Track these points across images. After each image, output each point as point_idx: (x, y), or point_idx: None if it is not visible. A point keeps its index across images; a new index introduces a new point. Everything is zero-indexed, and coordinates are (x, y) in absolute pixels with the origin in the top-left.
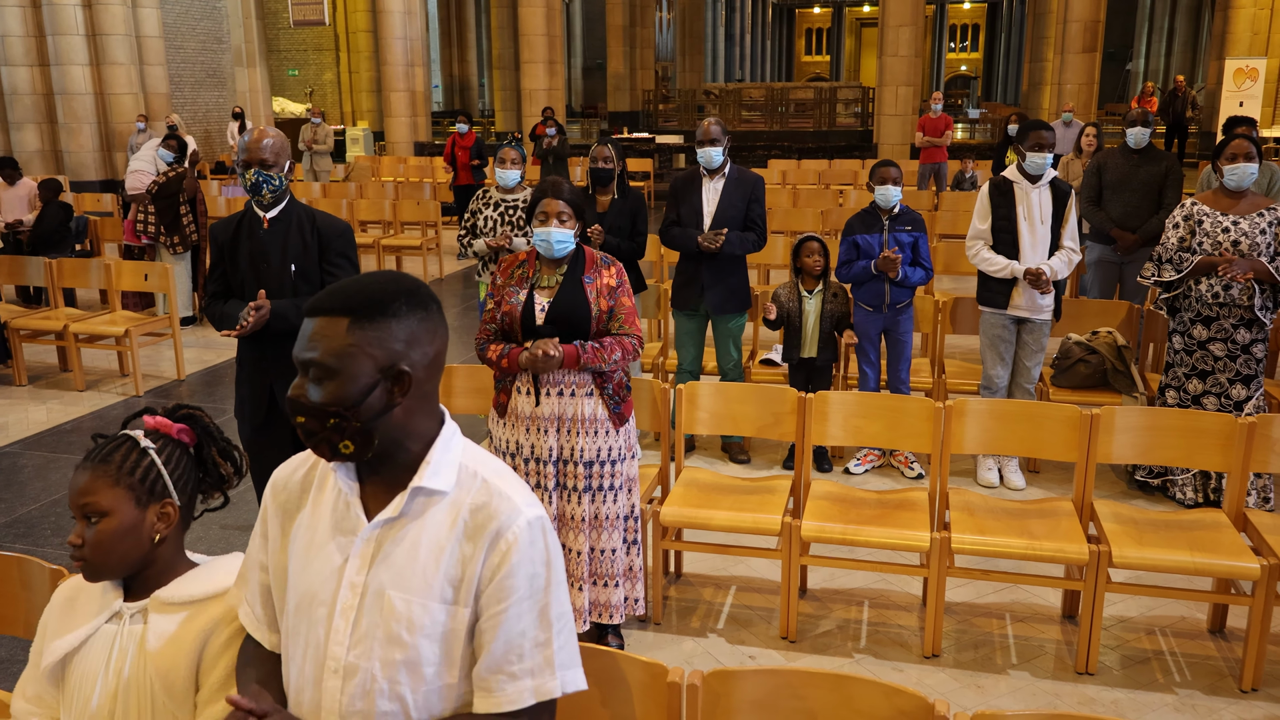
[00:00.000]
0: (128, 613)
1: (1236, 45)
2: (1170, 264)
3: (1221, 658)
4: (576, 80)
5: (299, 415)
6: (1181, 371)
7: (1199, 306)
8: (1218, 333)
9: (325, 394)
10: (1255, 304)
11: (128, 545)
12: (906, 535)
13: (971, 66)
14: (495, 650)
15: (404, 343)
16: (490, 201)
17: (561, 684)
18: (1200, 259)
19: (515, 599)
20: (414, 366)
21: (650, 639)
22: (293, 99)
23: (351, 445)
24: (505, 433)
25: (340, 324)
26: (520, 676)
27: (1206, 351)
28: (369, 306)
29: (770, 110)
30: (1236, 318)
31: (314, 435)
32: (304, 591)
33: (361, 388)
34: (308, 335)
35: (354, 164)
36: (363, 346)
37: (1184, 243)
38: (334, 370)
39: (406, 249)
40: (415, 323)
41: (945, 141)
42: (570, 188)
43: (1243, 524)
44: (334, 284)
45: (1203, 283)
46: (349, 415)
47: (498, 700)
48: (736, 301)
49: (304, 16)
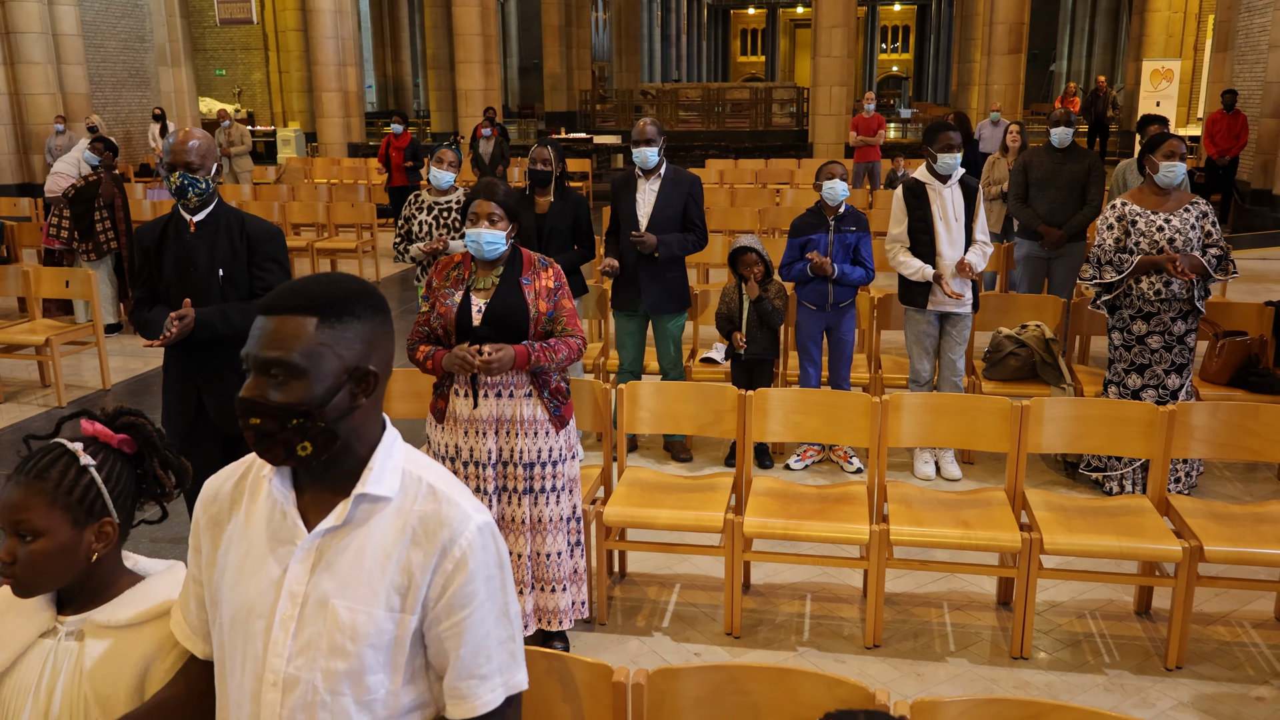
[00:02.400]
0: (63, 629)
1: (1153, 47)
2: (1110, 265)
3: (1148, 638)
4: (513, 80)
5: (254, 417)
6: (1121, 367)
7: (1140, 303)
8: (1157, 326)
9: (291, 394)
10: (1195, 295)
11: (63, 565)
12: (846, 528)
13: (903, 67)
14: (464, 656)
15: (368, 344)
16: (423, 205)
17: (524, 678)
18: (1142, 258)
19: (477, 604)
20: (378, 368)
21: (595, 639)
22: (220, 99)
23: (311, 446)
24: (444, 437)
25: (307, 323)
26: (490, 676)
27: (1144, 345)
28: (335, 306)
29: (707, 110)
30: (1176, 310)
31: (269, 437)
32: (239, 605)
33: (329, 388)
34: (269, 334)
35: (285, 165)
36: (332, 346)
37: (1120, 243)
38: (302, 370)
39: (341, 252)
40: (376, 325)
41: (879, 141)
42: (504, 189)
43: (1165, 508)
44: (289, 283)
45: (1143, 280)
46: (315, 416)
47: (473, 705)
48: (675, 301)
49: (231, 15)
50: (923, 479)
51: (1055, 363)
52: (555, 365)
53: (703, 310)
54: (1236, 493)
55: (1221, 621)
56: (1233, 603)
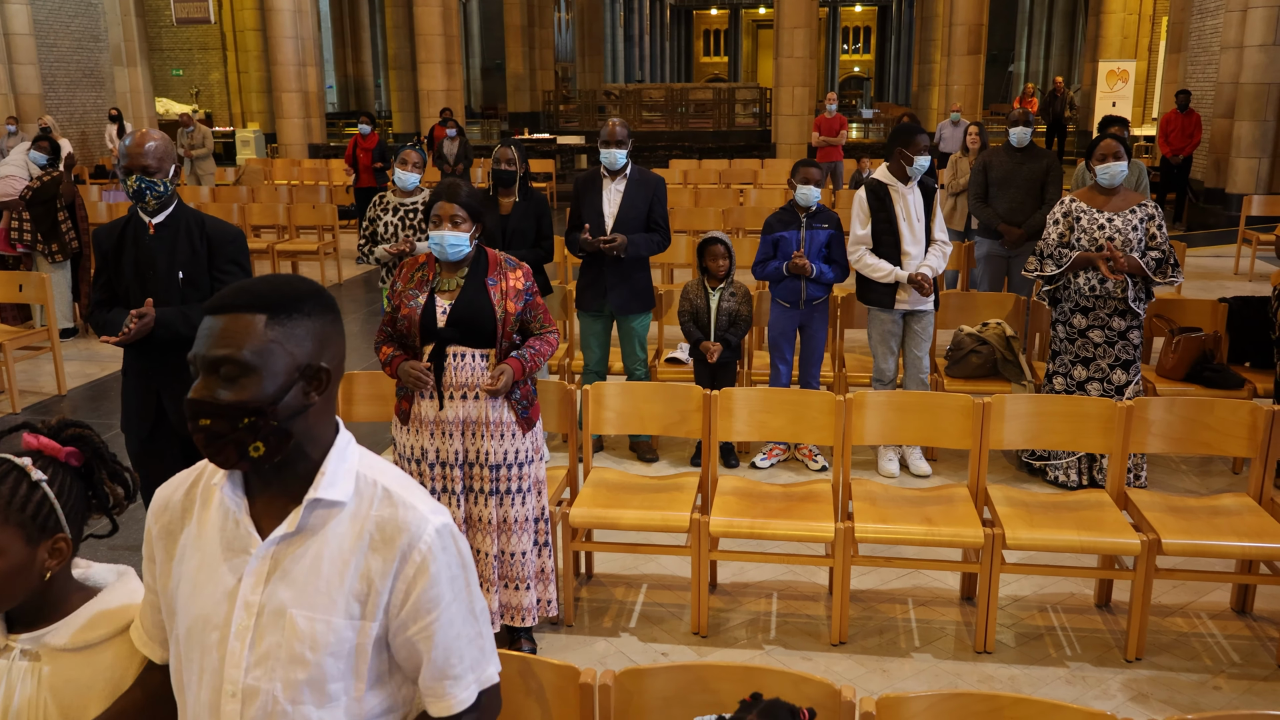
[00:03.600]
0: (17, 647)
1: (1108, 48)
2: (1051, 259)
3: (1108, 630)
4: (476, 81)
5: (204, 418)
6: (1066, 359)
7: (1077, 298)
8: (1095, 321)
9: (242, 392)
10: (1129, 296)
11: (16, 584)
12: (812, 527)
13: (864, 68)
14: (436, 658)
15: (318, 341)
16: (388, 206)
17: (495, 670)
18: (1077, 255)
19: (444, 606)
20: (330, 365)
21: (562, 641)
22: (178, 99)
23: (263, 446)
24: (409, 439)
25: (256, 320)
26: (463, 674)
27: (1087, 339)
28: (284, 304)
29: (670, 111)
30: (1111, 308)
31: (220, 438)
32: (195, 616)
33: (280, 386)
34: (217, 332)
35: (245, 167)
36: (282, 343)
37: (1063, 238)
38: (253, 367)
39: (303, 254)
40: (326, 323)
41: (841, 141)
42: (468, 190)
43: (1124, 502)
44: (238, 283)
45: (1080, 276)
46: (267, 414)
47: (449, 704)
48: (640, 301)
49: (188, 14)
50: (887, 476)
51: (1016, 360)
52: (542, 365)
53: (667, 310)
54: (1193, 486)
55: (1179, 613)
56: (1190, 594)
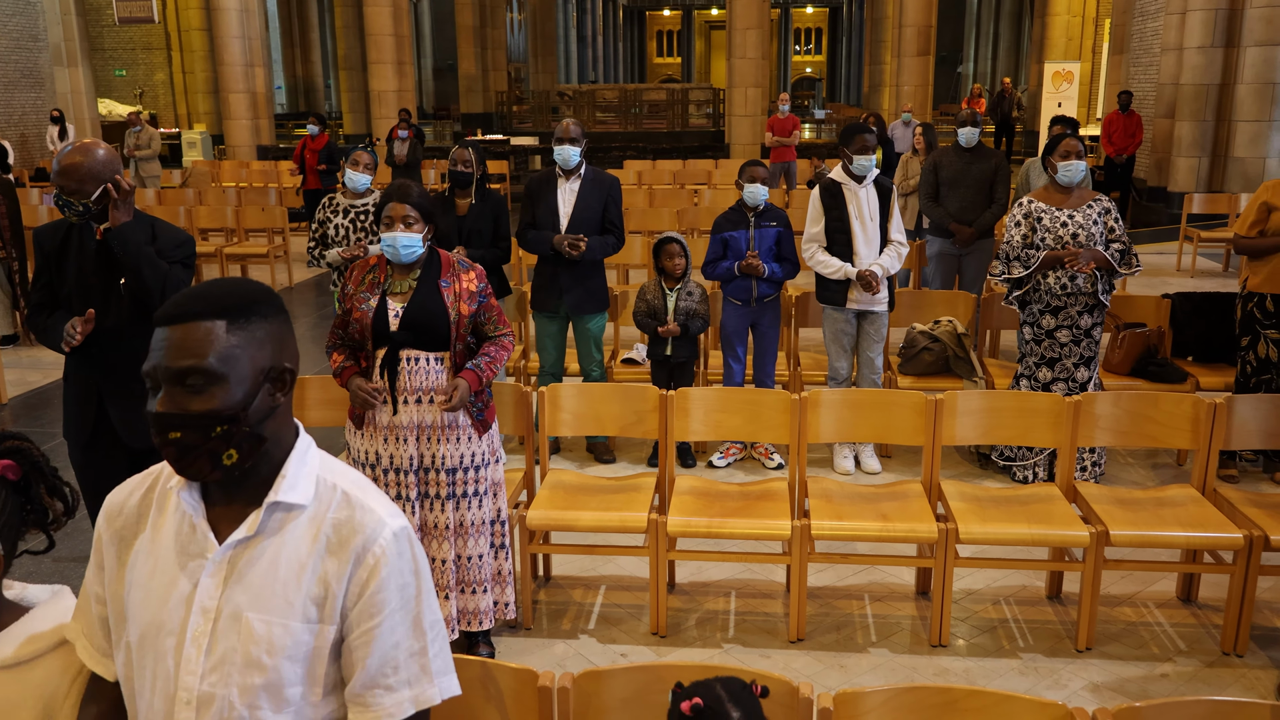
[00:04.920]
0: None
1: (1054, 49)
2: (1018, 261)
3: (1059, 621)
4: (428, 81)
5: (173, 431)
6: (1032, 361)
7: (1048, 298)
8: (1064, 320)
9: (212, 401)
10: (1098, 289)
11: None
12: (769, 525)
13: (816, 69)
14: (370, 666)
15: (277, 342)
16: (339, 208)
17: (440, 690)
18: (1046, 254)
19: (388, 612)
20: (291, 365)
21: (521, 644)
22: (121, 100)
23: (237, 453)
24: (363, 444)
25: (216, 327)
26: (397, 688)
27: (1054, 339)
28: (241, 308)
29: (624, 111)
30: (1081, 305)
31: (193, 450)
32: (149, 622)
33: (248, 391)
34: (177, 343)
35: (191, 169)
36: (245, 348)
37: (1027, 240)
38: (220, 375)
39: (252, 257)
40: (281, 323)
41: (794, 141)
42: (419, 190)
43: (1073, 495)
44: (185, 291)
45: (1050, 276)
46: (240, 420)
47: (375, 715)
48: (596, 302)
49: (130, 14)
50: (842, 474)
51: (967, 357)
52: (499, 370)
53: (623, 311)
54: (1140, 478)
55: (1128, 603)
56: (1138, 584)
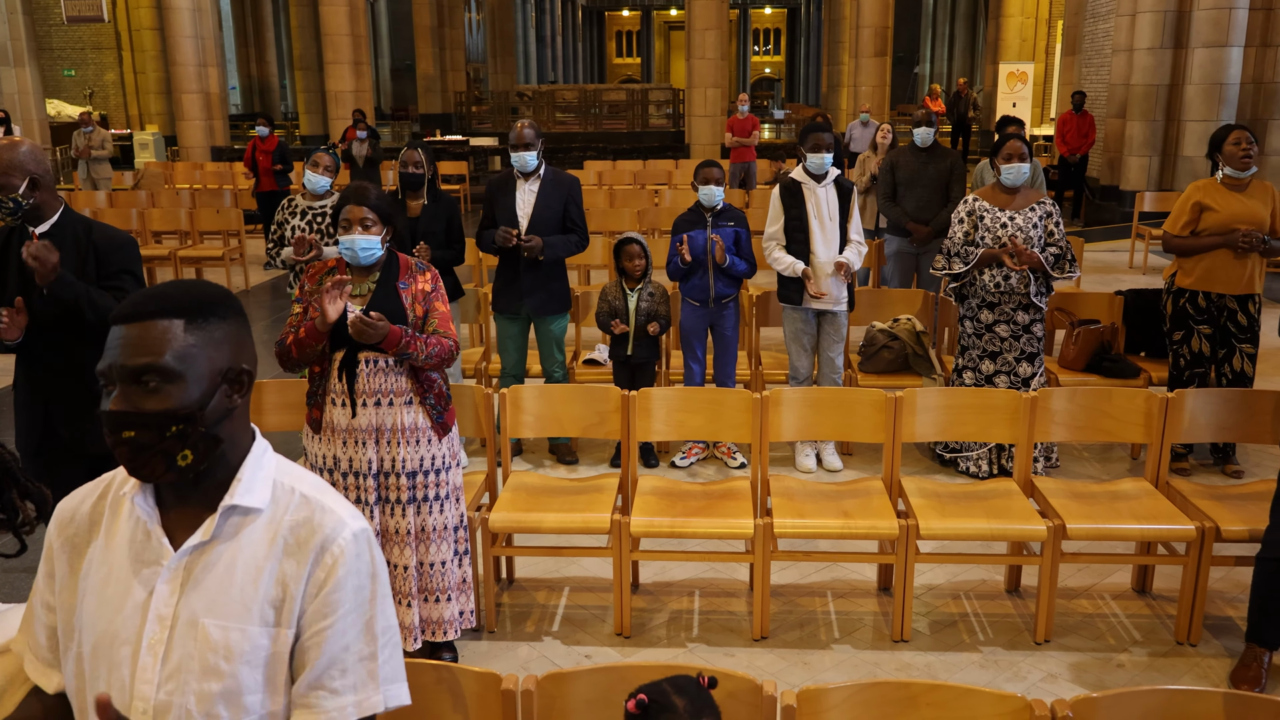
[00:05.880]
0: None
1: (1008, 51)
2: (958, 257)
3: (1018, 614)
4: (385, 82)
5: (127, 430)
6: (975, 354)
7: (984, 294)
8: (1001, 316)
9: (168, 400)
10: (1031, 291)
11: None
12: (731, 524)
13: (775, 69)
14: (318, 666)
15: (235, 343)
16: (297, 210)
17: (385, 699)
18: (983, 252)
19: (341, 613)
20: (249, 366)
21: (485, 648)
22: (70, 101)
23: (192, 454)
24: (321, 448)
25: (174, 326)
26: (342, 692)
27: (994, 334)
28: (200, 308)
29: (584, 112)
30: (1015, 302)
31: (147, 449)
32: (103, 631)
33: (205, 391)
34: (132, 342)
35: (144, 171)
36: (203, 347)
37: (969, 237)
38: (177, 374)
39: (207, 260)
40: (239, 325)
41: (753, 141)
42: (377, 192)
43: (1030, 490)
44: (145, 290)
45: (986, 273)
46: (196, 420)
47: (317, 717)
48: (557, 303)
49: (79, 13)
50: (804, 472)
51: (926, 354)
52: (423, 358)
53: (585, 312)
54: (1095, 472)
55: (1084, 595)
56: (1094, 576)
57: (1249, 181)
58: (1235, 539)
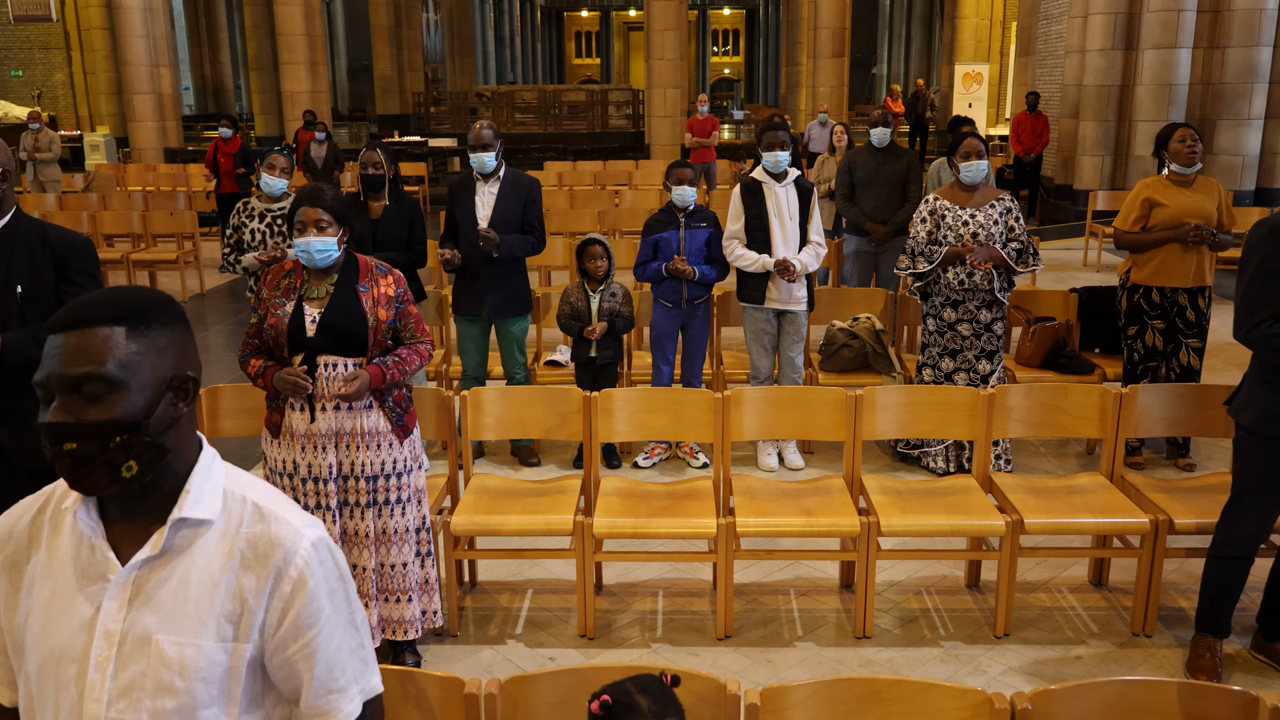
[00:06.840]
0: None
1: (963, 52)
2: (922, 256)
3: (978, 609)
4: (342, 82)
5: (69, 442)
6: (935, 351)
7: (948, 292)
8: (964, 314)
9: (112, 409)
10: (995, 287)
11: None
12: (694, 524)
13: (734, 70)
14: (319, 674)
15: (179, 350)
16: (254, 213)
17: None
18: (947, 250)
19: (324, 620)
20: (194, 373)
21: (448, 651)
22: (17, 101)
23: (137, 465)
24: (280, 453)
25: (116, 333)
26: (347, 687)
27: (955, 332)
28: (142, 315)
29: (544, 113)
30: (979, 300)
31: (89, 461)
32: (49, 651)
33: (149, 399)
34: (73, 349)
35: (95, 173)
36: (146, 355)
37: (931, 236)
38: (120, 382)
39: (161, 263)
40: (183, 331)
41: (713, 141)
42: (332, 193)
43: (989, 486)
44: (84, 296)
45: (950, 271)
46: (140, 430)
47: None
48: (518, 304)
49: (26, 12)
50: (766, 471)
51: (886, 352)
52: (409, 378)
53: (545, 313)
54: (1051, 467)
55: (1043, 589)
56: (1051, 570)
57: (1194, 178)
58: (1187, 531)
